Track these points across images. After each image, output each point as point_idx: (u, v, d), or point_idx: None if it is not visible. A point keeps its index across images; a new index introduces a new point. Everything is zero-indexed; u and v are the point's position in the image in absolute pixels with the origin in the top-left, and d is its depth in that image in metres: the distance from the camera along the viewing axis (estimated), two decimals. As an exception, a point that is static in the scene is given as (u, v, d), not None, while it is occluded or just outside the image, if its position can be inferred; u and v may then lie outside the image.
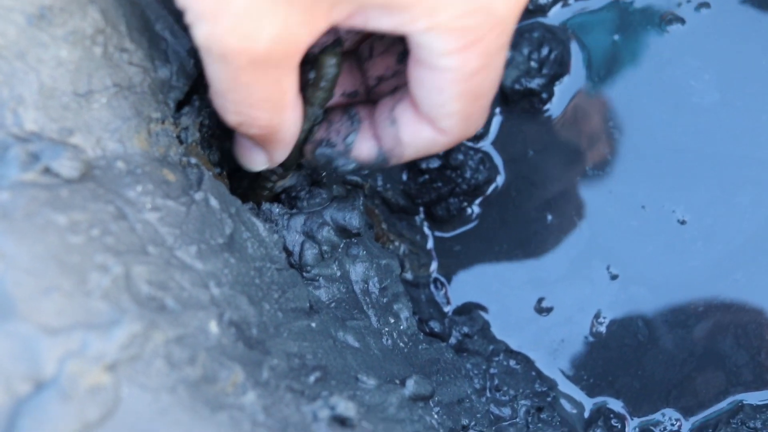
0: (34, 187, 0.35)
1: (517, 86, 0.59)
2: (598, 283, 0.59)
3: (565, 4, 0.61)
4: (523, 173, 0.60)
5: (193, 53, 0.44)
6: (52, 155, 0.37)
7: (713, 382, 0.57)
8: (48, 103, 0.38)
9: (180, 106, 0.46)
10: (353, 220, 0.50)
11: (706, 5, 0.60)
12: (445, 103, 0.43)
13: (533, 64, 0.59)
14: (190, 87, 0.45)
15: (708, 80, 0.59)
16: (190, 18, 0.37)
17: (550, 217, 0.60)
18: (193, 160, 0.45)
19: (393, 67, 0.49)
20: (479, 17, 0.40)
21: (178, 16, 0.43)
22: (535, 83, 0.59)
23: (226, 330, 0.39)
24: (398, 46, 0.48)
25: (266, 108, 0.41)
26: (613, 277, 0.59)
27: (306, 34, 0.39)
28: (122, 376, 0.33)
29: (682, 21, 0.60)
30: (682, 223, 0.58)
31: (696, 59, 0.59)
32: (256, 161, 0.47)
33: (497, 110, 0.61)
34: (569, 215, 0.59)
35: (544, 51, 0.59)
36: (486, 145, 0.61)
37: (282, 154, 0.46)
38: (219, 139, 0.50)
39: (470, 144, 0.60)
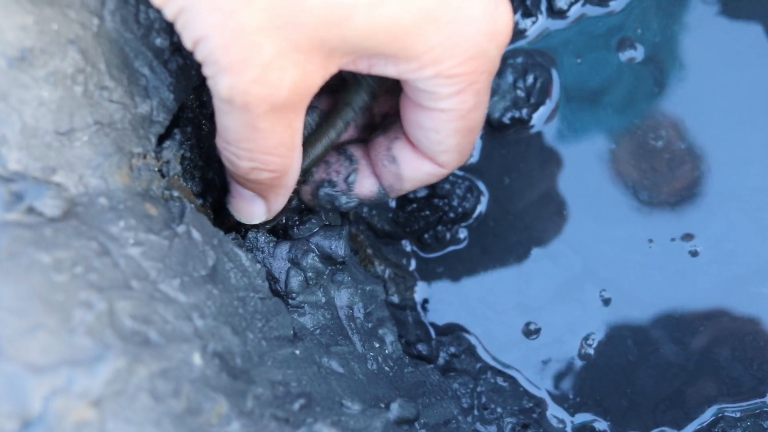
0: (18, 226, 0.36)
1: (505, 119, 0.60)
2: (589, 306, 0.59)
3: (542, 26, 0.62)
4: (505, 201, 0.61)
5: (173, 88, 0.45)
6: (36, 194, 0.37)
7: (703, 393, 0.57)
8: (31, 143, 0.39)
9: (161, 139, 0.46)
10: (339, 249, 0.51)
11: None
12: (443, 140, 0.45)
13: (520, 93, 0.60)
14: (170, 121, 0.46)
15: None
16: (211, 71, 0.39)
17: (534, 245, 0.60)
18: (176, 193, 0.45)
19: (396, 105, 0.51)
20: (476, 62, 0.42)
21: (157, 53, 0.44)
22: (524, 113, 0.60)
23: (210, 361, 0.39)
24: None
25: (279, 152, 0.43)
26: (606, 301, 0.59)
27: (321, 78, 0.41)
28: (107, 411, 0.34)
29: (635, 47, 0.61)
30: (694, 254, 0.59)
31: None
32: (255, 213, 0.48)
33: (481, 138, 0.62)
34: (557, 243, 0.60)
35: (530, 79, 0.60)
36: (471, 172, 0.61)
37: (282, 201, 0.47)
38: (201, 170, 0.51)
39: (457, 172, 0.61)
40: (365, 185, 0.50)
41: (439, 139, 0.45)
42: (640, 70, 0.60)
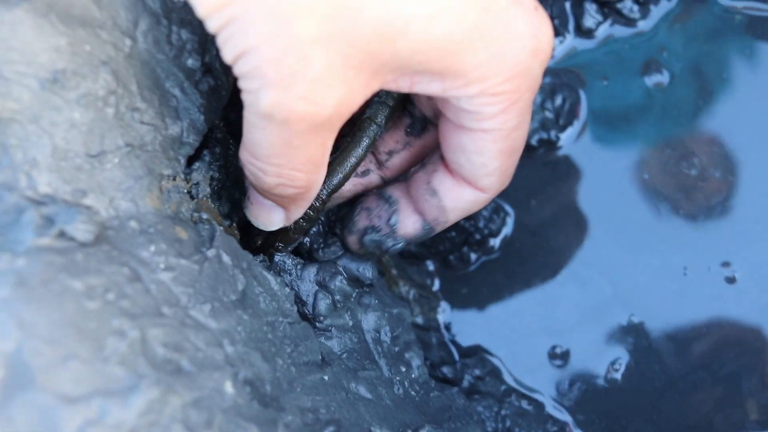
0: (50, 252, 0.36)
1: (533, 140, 0.60)
2: (617, 330, 0.59)
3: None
4: (532, 223, 0.60)
5: (204, 109, 0.44)
6: (67, 218, 0.37)
7: (731, 421, 0.56)
8: (61, 165, 0.38)
9: (190, 161, 0.46)
10: (366, 271, 0.51)
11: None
12: (486, 162, 0.45)
13: (548, 114, 0.60)
14: (200, 142, 0.45)
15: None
16: (253, 85, 0.38)
17: (561, 268, 0.60)
18: (205, 216, 0.45)
19: (403, 140, 0.51)
20: (520, 79, 0.41)
21: (188, 74, 0.43)
22: (552, 135, 0.60)
23: (241, 389, 0.39)
24: (405, 120, 0.50)
25: (306, 169, 0.42)
26: (635, 326, 0.58)
27: (363, 97, 0.40)
28: (141, 444, 0.33)
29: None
30: (731, 281, 0.58)
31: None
32: (274, 221, 0.47)
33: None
34: (585, 268, 0.59)
35: (558, 100, 0.59)
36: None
37: (301, 211, 0.47)
38: (228, 190, 0.50)
39: None
40: (408, 224, 0.49)
41: (482, 162, 0.45)
42: (666, 93, 0.60)
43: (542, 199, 0.60)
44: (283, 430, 0.40)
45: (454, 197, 0.47)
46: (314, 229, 0.53)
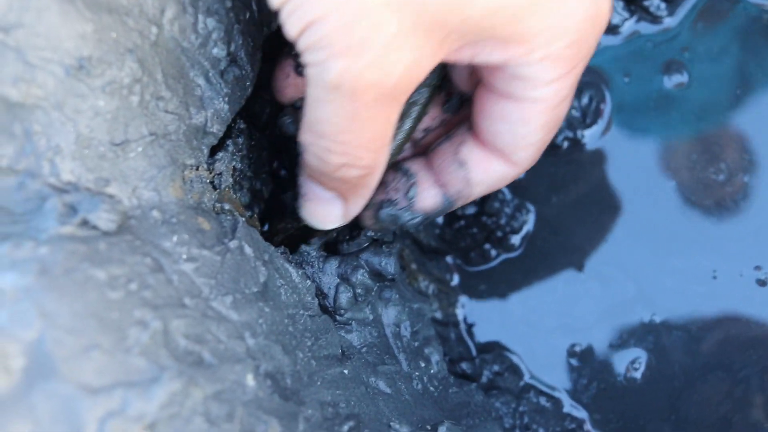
0: (73, 240, 0.35)
1: (559, 140, 0.59)
2: (638, 329, 0.58)
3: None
4: (554, 221, 0.60)
5: (228, 99, 0.44)
6: (90, 207, 0.37)
7: (750, 421, 0.56)
8: (85, 153, 0.38)
9: (213, 151, 0.45)
10: (389, 266, 0.50)
11: None
12: (528, 134, 0.44)
13: (575, 113, 0.59)
14: (223, 132, 0.45)
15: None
16: (320, 57, 0.37)
17: (582, 267, 0.59)
18: (227, 206, 0.44)
19: (439, 117, 0.50)
20: (578, 46, 0.41)
21: (213, 63, 0.43)
22: (579, 133, 0.59)
23: (262, 382, 0.38)
24: (442, 97, 0.49)
25: (372, 146, 0.41)
26: (656, 323, 0.58)
27: (430, 65, 0.39)
28: (162, 436, 0.33)
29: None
30: (763, 284, 0.57)
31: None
32: (331, 217, 0.46)
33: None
34: (607, 267, 0.59)
35: (585, 98, 0.59)
36: (519, 191, 0.60)
37: (361, 204, 0.46)
38: (250, 180, 0.50)
39: (506, 192, 0.60)
40: (427, 197, 0.48)
41: (525, 133, 0.44)
42: (688, 93, 0.59)
43: (564, 197, 0.60)
44: (304, 424, 0.39)
45: (483, 170, 0.46)
46: None
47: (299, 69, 0.47)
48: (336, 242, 0.52)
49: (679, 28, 0.59)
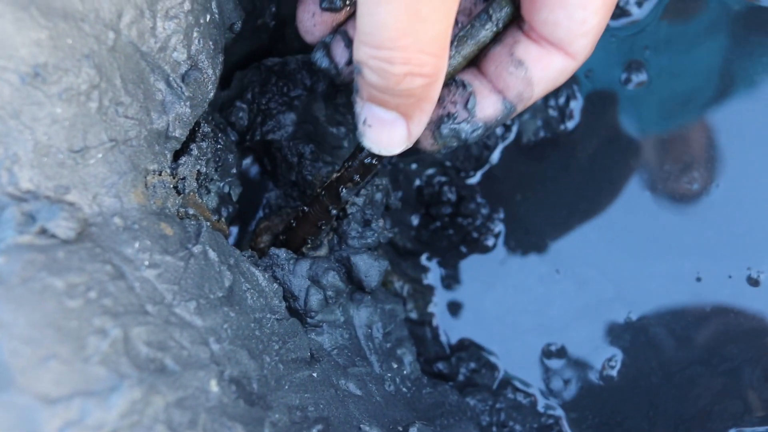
0: (30, 249, 0.35)
1: (536, 137, 0.59)
2: (615, 326, 0.58)
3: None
4: (529, 223, 0.60)
5: (190, 103, 0.44)
6: (48, 215, 0.36)
7: (729, 412, 0.56)
8: (43, 161, 0.38)
9: (177, 155, 0.45)
10: (371, 280, 0.49)
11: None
12: (587, 18, 0.43)
13: (552, 112, 0.59)
14: (186, 136, 0.44)
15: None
16: None
17: (559, 267, 0.59)
18: (191, 211, 0.44)
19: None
20: None
21: (173, 66, 0.43)
22: (556, 133, 0.59)
23: (227, 388, 0.38)
24: None
25: (433, 49, 0.40)
26: (633, 321, 0.58)
27: None
28: (122, 445, 0.33)
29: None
30: (747, 280, 0.57)
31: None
32: (396, 139, 0.45)
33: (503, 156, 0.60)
34: (584, 267, 0.59)
35: (562, 98, 0.58)
36: (494, 193, 0.60)
37: (424, 121, 0.45)
38: (217, 184, 0.49)
39: (480, 199, 0.60)
40: (488, 105, 0.47)
41: (583, 17, 0.43)
42: (651, 90, 0.59)
43: (536, 198, 0.60)
44: (270, 429, 0.39)
45: (543, 66, 0.45)
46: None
47: (323, 3, 0.47)
48: (342, 235, 0.51)
49: (644, 23, 0.59)
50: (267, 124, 0.55)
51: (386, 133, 0.44)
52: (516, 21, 0.45)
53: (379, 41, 0.39)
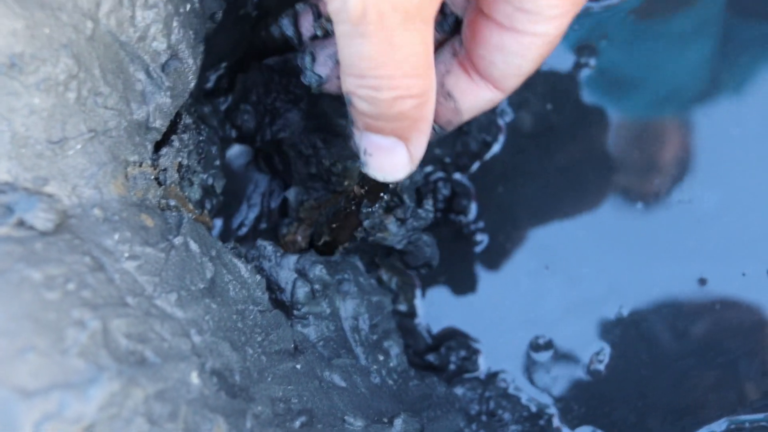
0: (8, 241, 0.35)
1: (538, 127, 0.59)
2: (605, 321, 0.58)
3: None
4: (519, 218, 0.59)
5: (170, 93, 0.43)
6: (26, 207, 0.36)
7: (722, 403, 0.56)
8: (21, 152, 0.37)
9: (158, 146, 0.45)
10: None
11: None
12: (523, 65, 0.44)
13: (549, 106, 0.58)
14: (167, 127, 0.44)
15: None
16: None
17: (545, 260, 0.59)
18: (173, 203, 0.44)
19: (438, 39, 0.49)
20: None
21: (153, 56, 0.42)
22: (550, 125, 0.59)
23: (208, 380, 0.38)
24: (438, 16, 0.48)
25: (418, 71, 0.40)
26: (624, 316, 0.57)
27: None
28: (101, 437, 0.32)
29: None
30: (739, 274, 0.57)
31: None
32: (399, 164, 0.44)
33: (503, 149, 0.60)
34: (575, 263, 0.58)
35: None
36: (485, 186, 0.60)
37: (424, 142, 0.44)
38: (199, 176, 0.49)
39: (472, 194, 0.60)
40: None
41: (519, 64, 0.44)
42: (651, 79, 0.58)
43: (523, 192, 0.60)
44: (252, 421, 0.39)
45: (472, 99, 0.46)
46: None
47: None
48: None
49: (607, 13, 0.59)
50: (276, 123, 0.55)
51: (388, 160, 0.44)
52: (449, 47, 0.46)
53: (361, 71, 0.40)
